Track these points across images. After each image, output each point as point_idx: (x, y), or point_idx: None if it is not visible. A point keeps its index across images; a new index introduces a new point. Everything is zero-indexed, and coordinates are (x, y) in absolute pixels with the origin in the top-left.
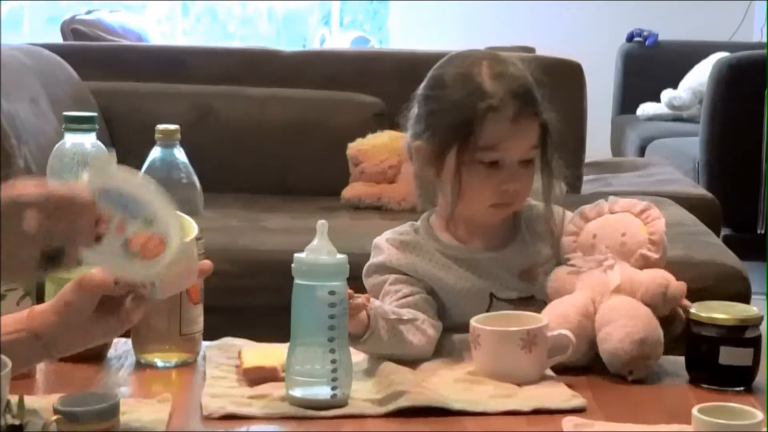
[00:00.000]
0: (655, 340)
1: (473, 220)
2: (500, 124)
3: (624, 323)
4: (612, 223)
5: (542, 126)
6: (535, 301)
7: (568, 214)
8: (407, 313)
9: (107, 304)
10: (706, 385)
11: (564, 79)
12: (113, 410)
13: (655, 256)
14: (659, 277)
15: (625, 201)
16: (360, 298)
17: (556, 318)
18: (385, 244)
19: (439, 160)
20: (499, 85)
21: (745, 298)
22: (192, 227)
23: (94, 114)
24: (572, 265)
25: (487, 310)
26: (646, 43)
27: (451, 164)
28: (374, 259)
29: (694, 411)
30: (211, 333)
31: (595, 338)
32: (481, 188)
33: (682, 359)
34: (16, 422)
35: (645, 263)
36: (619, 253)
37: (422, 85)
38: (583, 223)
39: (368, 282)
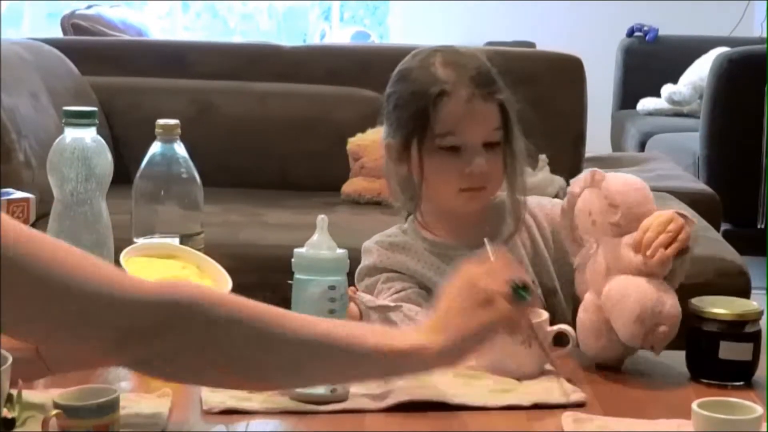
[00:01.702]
0: (659, 311)
1: (454, 215)
2: (454, 107)
3: (623, 305)
4: (581, 208)
5: (501, 107)
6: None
7: (529, 199)
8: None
9: None
10: (705, 380)
11: (564, 74)
12: (113, 405)
13: (616, 218)
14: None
15: (581, 176)
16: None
17: (585, 338)
18: (374, 246)
19: (406, 154)
20: (451, 71)
21: (745, 293)
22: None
23: (95, 109)
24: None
25: None
26: (647, 38)
27: (415, 155)
28: (365, 262)
29: (694, 406)
30: None
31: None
32: (445, 175)
33: (682, 354)
34: (9, 416)
35: (617, 231)
36: (595, 233)
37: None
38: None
39: (361, 285)
